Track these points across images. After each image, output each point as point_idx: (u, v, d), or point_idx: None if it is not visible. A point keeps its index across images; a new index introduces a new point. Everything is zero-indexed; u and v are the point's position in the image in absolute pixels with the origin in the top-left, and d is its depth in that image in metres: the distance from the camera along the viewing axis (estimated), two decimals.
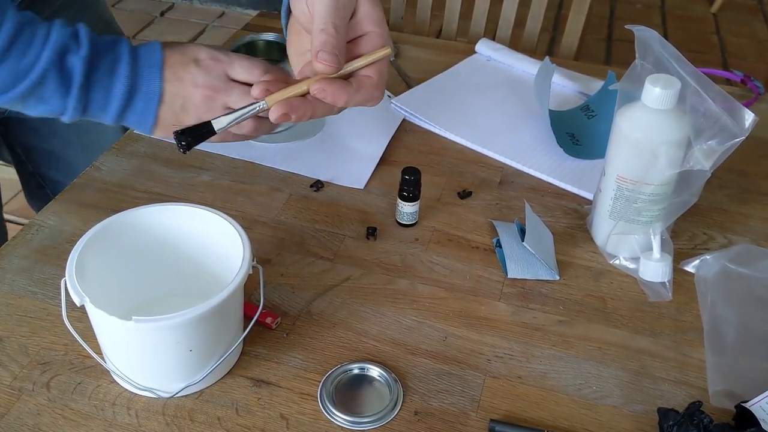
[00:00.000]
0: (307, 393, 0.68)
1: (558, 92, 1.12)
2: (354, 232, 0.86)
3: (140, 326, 0.59)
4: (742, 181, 0.97)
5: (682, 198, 0.78)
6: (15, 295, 0.76)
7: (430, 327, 0.75)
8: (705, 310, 0.77)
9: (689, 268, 0.82)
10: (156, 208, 0.71)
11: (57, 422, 0.65)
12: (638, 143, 0.76)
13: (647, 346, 0.74)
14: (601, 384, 0.70)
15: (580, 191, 0.93)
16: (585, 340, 0.74)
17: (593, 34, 2.93)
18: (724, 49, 3.02)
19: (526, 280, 0.80)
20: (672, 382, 0.70)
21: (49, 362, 0.70)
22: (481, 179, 0.95)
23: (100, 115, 0.73)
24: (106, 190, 0.90)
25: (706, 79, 0.73)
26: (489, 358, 0.72)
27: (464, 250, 0.84)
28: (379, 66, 0.65)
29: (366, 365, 0.69)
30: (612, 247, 0.83)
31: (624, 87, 0.78)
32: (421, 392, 0.68)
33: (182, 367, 0.65)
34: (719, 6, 3.30)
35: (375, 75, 0.64)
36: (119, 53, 0.71)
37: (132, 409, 0.66)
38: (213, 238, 0.70)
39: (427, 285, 0.79)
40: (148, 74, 0.72)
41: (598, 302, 0.79)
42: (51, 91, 0.69)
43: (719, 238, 0.87)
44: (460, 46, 1.25)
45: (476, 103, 1.08)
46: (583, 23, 1.35)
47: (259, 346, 0.72)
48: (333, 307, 0.76)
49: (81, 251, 0.65)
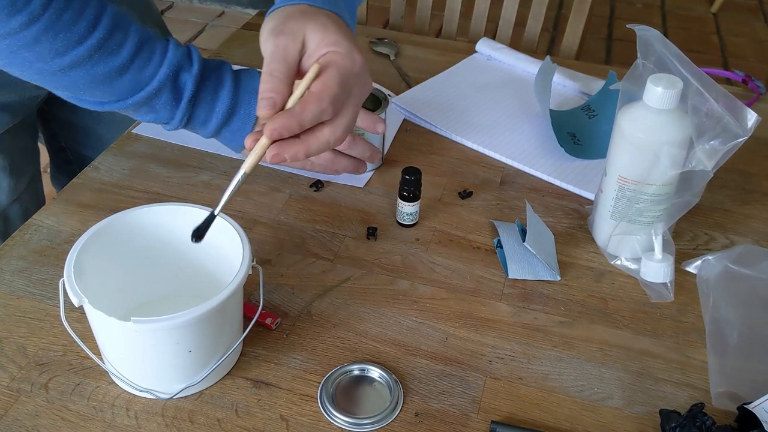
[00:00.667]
0: (307, 394, 0.67)
1: (559, 92, 1.11)
2: (354, 232, 0.85)
3: (139, 327, 0.59)
4: (744, 181, 0.96)
5: (684, 198, 0.77)
6: (13, 296, 0.76)
7: (431, 328, 0.74)
8: (707, 311, 0.76)
9: (691, 268, 0.82)
10: (155, 208, 0.71)
11: (56, 424, 0.64)
12: (640, 143, 0.75)
13: (649, 347, 0.73)
14: (603, 385, 0.70)
15: (582, 191, 0.93)
16: (586, 341, 0.74)
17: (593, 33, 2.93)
18: (725, 49, 3.02)
19: (527, 280, 0.80)
20: (674, 383, 0.70)
21: (48, 363, 0.69)
22: (482, 179, 0.95)
23: (199, 129, 0.81)
24: (105, 190, 0.90)
25: (708, 79, 0.72)
26: (490, 359, 0.72)
27: (465, 251, 0.84)
28: (324, 79, 0.63)
29: (366, 366, 0.69)
30: (613, 247, 0.83)
31: (626, 87, 0.78)
32: (422, 393, 0.68)
33: (182, 368, 0.64)
34: (719, 6, 3.30)
35: (317, 86, 0.63)
36: (223, 76, 0.79)
37: (131, 411, 0.66)
38: (212, 239, 0.69)
39: (427, 285, 0.79)
40: (246, 98, 0.79)
41: (600, 303, 0.78)
42: (163, 103, 0.77)
43: (721, 238, 0.87)
44: (460, 46, 1.24)
45: (477, 103, 1.08)
46: (584, 23, 1.34)
47: (258, 347, 0.71)
48: (333, 307, 0.76)
49: (79, 251, 0.65)
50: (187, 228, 0.71)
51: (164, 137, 0.99)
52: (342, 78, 0.63)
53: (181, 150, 0.97)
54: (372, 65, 1.17)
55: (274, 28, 0.65)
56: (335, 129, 0.65)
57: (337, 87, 0.62)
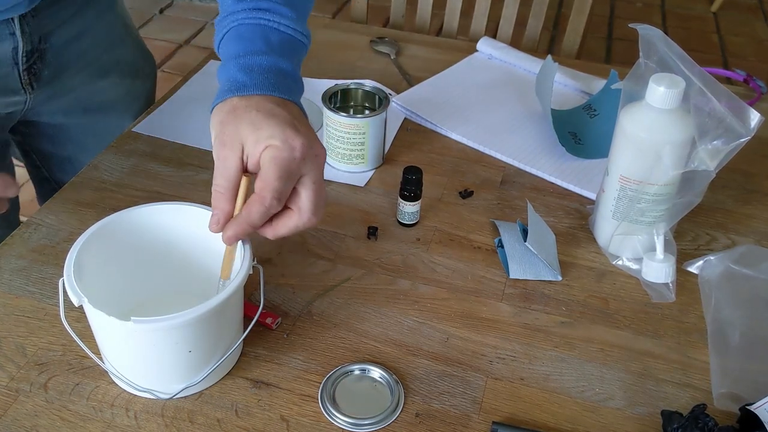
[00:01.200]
0: (307, 394, 0.67)
1: (560, 91, 1.11)
2: (355, 232, 0.85)
3: (139, 327, 0.59)
4: (746, 181, 0.96)
5: (686, 198, 0.77)
6: (12, 295, 0.75)
7: (432, 328, 0.74)
8: (709, 312, 0.76)
9: (693, 269, 0.81)
10: (155, 208, 0.70)
11: (55, 424, 0.64)
12: (642, 143, 0.75)
13: (650, 348, 0.73)
14: (604, 386, 0.69)
15: (583, 191, 0.92)
16: (587, 342, 0.74)
17: (593, 32, 2.93)
18: (725, 49, 3.02)
19: (528, 280, 0.80)
20: (675, 384, 0.70)
21: (47, 363, 0.69)
22: (483, 179, 0.94)
23: None
24: (105, 188, 0.90)
25: (710, 79, 0.72)
26: (491, 359, 0.71)
27: (466, 251, 0.83)
28: (263, 176, 0.63)
29: (367, 366, 0.69)
30: (615, 247, 0.82)
31: (628, 86, 0.77)
32: (423, 394, 0.68)
33: (181, 368, 0.64)
34: (719, 5, 3.29)
35: (259, 185, 0.64)
36: None
37: (131, 411, 0.65)
38: (213, 238, 0.69)
39: (428, 285, 0.79)
40: None
41: (601, 303, 0.78)
42: None
43: (722, 238, 0.87)
44: (461, 45, 1.24)
45: (478, 102, 1.08)
46: (584, 22, 1.34)
47: (259, 347, 0.71)
48: (334, 307, 0.76)
49: (79, 251, 0.64)
50: (188, 227, 0.71)
51: (164, 136, 0.98)
52: (281, 170, 0.63)
53: (181, 149, 0.97)
54: (372, 64, 1.17)
55: (216, 137, 0.66)
56: (301, 215, 0.66)
57: (277, 181, 0.63)
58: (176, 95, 1.07)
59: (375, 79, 1.11)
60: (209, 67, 1.14)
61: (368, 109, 0.97)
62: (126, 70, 1.08)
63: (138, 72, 1.11)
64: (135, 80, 1.10)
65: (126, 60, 1.08)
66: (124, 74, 1.07)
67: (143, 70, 1.13)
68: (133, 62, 1.10)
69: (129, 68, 1.08)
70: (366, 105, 0.98)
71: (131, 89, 1.10)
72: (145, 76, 1.13)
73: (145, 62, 1.14)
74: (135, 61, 1.10)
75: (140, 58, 1.12)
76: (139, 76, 1.11)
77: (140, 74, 1.12)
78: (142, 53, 1.13)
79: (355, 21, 1.43)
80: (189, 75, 1.12)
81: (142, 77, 1.12)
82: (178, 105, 1.05)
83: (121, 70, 1.07)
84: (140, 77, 1.11)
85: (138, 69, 1.11)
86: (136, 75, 1.10)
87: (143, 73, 1.12)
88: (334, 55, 1.20)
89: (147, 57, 1.14)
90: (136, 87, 1.11)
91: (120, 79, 1.07)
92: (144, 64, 1.13)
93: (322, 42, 1.23)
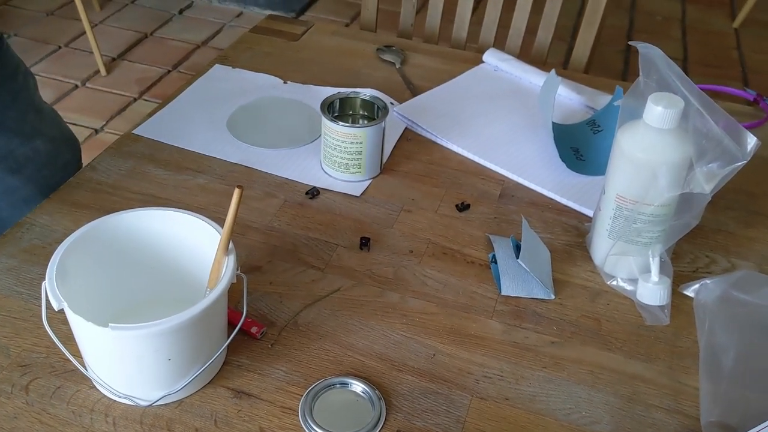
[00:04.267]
0: (288, 407, 0.66)
1: (564, 105, 1.10)
2: (347, 241, 0.84)
3: (117, 334, 0.58)
4: (750, 202, 0.94)
5: (683, 220, 0.75)
6: (0, 295, 0.75)
7: (419, 343, 0.73)
8: (702, 337, 0.74)
9: (689, 292, 0.80)
10: (142, 213, 0.70)
11: (33, 427, 0.64)
12: (638, 162, 0.74)
13: (641, 372, 0.72)
14: (592, 409, 0.68)
15: (582, 208, 0.91)
16: (577, 363, 0.72)
17: (611, 45, 2.90)
18: (745, 65, 2.98)
19: (521, 298, 0.79)
20: (665, 410, 0.68)
21: (30, 365, 0.69)
22: (481, 192, 0.93)
23: None
24: (101, 190, 0.90)
25: (709, 100, 0.70)
26: (477, 378, 0.70)
27: (459, 265, 0.82)
28: None
29: (349, 380, 0.68)
30: (610, 267, 0.81)
31: (626, 104, 0.76)
32: (405, 411, 0.67)
33: (161, 375, 0.64)
34: (741, 21, 3.25)
35: None
36: None
37: (110, 416, 0.65)
38: (200, 245, 0.69)
39: (418, 299, 0.78)
40: None
41: (593, 324, 0.76)
42: None
43: (722, 261, 0.85)
44: (467, 55, 1.23)
45: (480, 114, 1.07)
46: (594, 35, 1.32)
47: (242, 356, 0.70)
48: (321, 318, 0.75)
49: (63, 254, 0.64)
50: (176, 233, 0.70)
51: (164, 139, 0.98)
52: None
53: (179, 152, 0.96)
54: (377, 72, 1.17)
55: None
56: None
57: None
58: (179, 98, 1.07)
59: (379, 88, 1.10)
60: (214, 72, 1.14)
61: (367, 119, 0.97)
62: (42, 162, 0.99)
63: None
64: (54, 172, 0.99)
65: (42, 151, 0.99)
66: (41, 166, 0.99)
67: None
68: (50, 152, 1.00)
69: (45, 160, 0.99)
70: (365, 114, 0.97)
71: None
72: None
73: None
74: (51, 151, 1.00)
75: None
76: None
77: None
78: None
79: (364, 27, 1.43)
80: (193, 78, 1.12)
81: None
82: (180, 108, 1.05)
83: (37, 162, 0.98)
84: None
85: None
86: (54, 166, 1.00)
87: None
88: (340, 62, 1.19)
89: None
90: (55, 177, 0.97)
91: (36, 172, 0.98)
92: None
93: (327, 49, 1.22)
